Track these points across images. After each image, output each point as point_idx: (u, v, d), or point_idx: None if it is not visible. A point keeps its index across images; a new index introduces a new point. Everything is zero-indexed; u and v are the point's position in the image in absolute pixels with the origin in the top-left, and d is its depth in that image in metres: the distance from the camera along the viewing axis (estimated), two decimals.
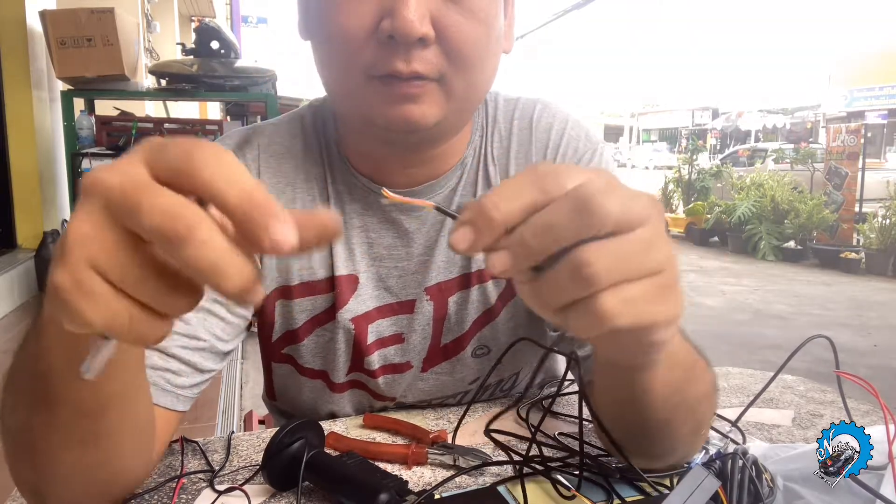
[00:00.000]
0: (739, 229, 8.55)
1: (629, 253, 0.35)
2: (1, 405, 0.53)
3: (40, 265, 4.94)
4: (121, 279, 0.33)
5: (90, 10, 4.27)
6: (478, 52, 0.64)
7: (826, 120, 24.04)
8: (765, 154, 14.09)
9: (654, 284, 0.36)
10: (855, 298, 6.09)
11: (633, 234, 0.35)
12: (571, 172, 0.36)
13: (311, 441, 0.66)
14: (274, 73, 4.81)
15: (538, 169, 0.36)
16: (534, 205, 0.35)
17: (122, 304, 0.33)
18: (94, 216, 0.33)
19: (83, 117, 4.52)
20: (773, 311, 5.57)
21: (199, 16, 12.18)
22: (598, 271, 0.34)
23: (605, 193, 0.34)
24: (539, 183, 0.35)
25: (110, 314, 0.33)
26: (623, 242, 0.35)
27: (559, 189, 0.35)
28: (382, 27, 0.60)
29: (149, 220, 0.31)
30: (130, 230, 0.32)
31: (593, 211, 0.34)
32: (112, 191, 0.32)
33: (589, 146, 0.81)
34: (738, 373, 1.04)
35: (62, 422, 0.50)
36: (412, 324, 0.80)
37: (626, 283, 0.35)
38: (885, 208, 7.37)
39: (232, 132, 0.82)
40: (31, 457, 0.54)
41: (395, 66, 0.61)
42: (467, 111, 0.71)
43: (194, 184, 0.32)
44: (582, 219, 0.34)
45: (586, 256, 0.34)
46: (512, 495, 0.63)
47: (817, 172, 8.89)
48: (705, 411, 0.61)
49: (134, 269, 0.33)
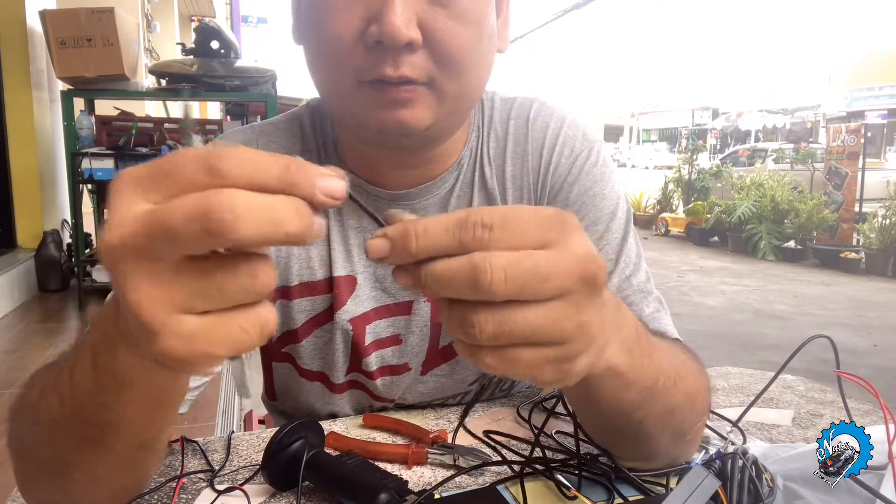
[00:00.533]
0: (739, 229, 8.55)
1: (519, 325, 0.36)
2: (26, 436, 0.53)
3: (40, 265, 4.94)
4: (208, 304, 0.33)
5: (90, 9, 4.26)
6: (467, 54, 0.64)
7: (826, 120, 24.04)
8: (765, 154, 14.09)
9: (541, 356, 0.37)
10: (855, 298, 6.09)
11: (531, 307, 0.36)
12: (508, 227, 0.36)
13: (310, 441, 0.66)
14: (274, 73, 4.81)
15: (470, 215, 0.35)
16: (447, 251, 0.35)
17: (227, 322, 0.33)
18: (145, 274, 0.32)
19: (83, 117, 4.52)
20: (773, 311, 5.57)
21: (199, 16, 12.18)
22: (479, 332, 0.35)
23: (505, 268, 0.34)
24: (460, 232, 0.35)
25: (226, 340, 0.33)
26: (513, 314, 0.36)
27: (476, 244, 0.35)
28: (370, 32, 0.60)
29: (191, 231, 0.31)
30: (182, 258, 0.32)
31: (481, 288, 0.34)
32: (140, 243, 0.32)
33: (586, 145, 0.80)
34: (738, 373, 1.04)
35: (119, 456, 0.51)
36: (410, 325, 0.80)
37: (511, 348, 0.37)
38: (885, 208, 7.36)
39: (230, 132, 0.82)
40: (64, 484, 0.54)
41: (383, 71, 0.61)
42: (461, 113, 0.70)
43: (227, 185, 0.32)
44: (471, 289, 0.35)
45: (472, 318, 0.36)
46: (512, 495, 0.63)
47: (817, 172, 8.89)
48: (684, 419, 0.59)
49: (210, 287, 0.33)
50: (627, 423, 0.55)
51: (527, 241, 0.36)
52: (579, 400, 0.57)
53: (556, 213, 0.37)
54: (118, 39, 4.26)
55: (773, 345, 4.41)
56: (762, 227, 8.28)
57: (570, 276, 0.36)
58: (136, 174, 0.33)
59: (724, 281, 6.84)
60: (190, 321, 0.33)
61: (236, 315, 0.34)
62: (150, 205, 0.32)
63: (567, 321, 0.37)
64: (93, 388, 0.44)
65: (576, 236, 0.37)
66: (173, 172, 0.32)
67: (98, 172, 4.31)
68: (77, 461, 0.51)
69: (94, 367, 0.43)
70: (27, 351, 3.65)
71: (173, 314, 0.33)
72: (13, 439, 0.56)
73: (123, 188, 0.33)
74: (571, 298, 0.37)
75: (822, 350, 0.78)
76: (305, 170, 0.32)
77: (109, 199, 0.33)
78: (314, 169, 0.33)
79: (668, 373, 0.55)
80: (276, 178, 0.32)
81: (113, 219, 0.33)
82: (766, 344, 4.47)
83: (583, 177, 0.78)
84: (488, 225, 0.35)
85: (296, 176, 0.32)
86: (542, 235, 0.36)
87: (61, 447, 0.50)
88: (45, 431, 0.50)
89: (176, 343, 0.33)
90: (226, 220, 0.30)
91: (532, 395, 0.89)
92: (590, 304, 0.38)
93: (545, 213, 0.37)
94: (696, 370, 0.62)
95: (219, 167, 0.32)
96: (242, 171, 0.32)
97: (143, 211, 0.32)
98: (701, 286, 6.52)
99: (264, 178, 0.32)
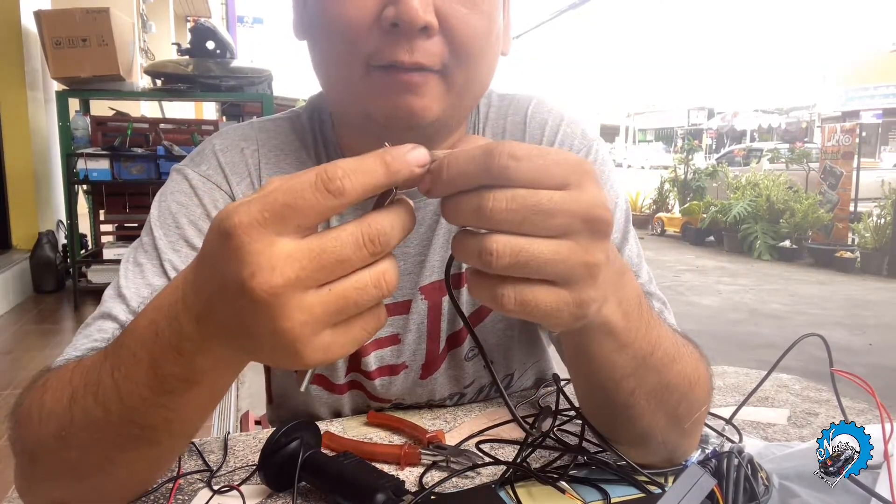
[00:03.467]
0: (735, 229, 8.56)
1: (532, 255, 0.39)
2: (46, 440, 0.53)
3: (35, 266, 4.92)
4: (340, 318, 0.38)
5: (85, 10, 4.25)
6: (480, 44, 0.63)
7: (821, 119, 24.13)
8: (760, 154, 14.10)
9: (556, 297, 0.41)
10: (850, 297, 6.11)
11: (542, 240, 0.40)
12: (533, 161, 0.39)
13: (307, 441, 0.66)
14: (270, 73, 4.80)
15: (500, 146, 0.39)
16: (475, 177, 0.39)
17: (353, 326, 0.39)
18: (296, 302, 0.36)
19: (78, 118, 4.51)
20: (769, 310, 5.58)
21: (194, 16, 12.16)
22: (496, 259, 0.39)
23: (507, 199, 0.38)
24: (486, 159, 0.38)
25: (353, 342, 0.39)
26: (528, 244, 0.39)
27: (500, 172, 0.38)
28: (386, 14, 0.59)
29: (360, 257, 0.37)
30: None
31: (483, 214, 0.39)
32: (305, 276, 0.36)
33: (584, 143, 0.80)
34: (733, 371, 1.05)
35: (165, 450, 0.53)
36: (408, 324, 0.80)
37: (527, 285, 0.40)
38: (879, 208, 7.38)
39: (231, 127, 0.80)
40: (93, 482, 0.54)
41: (397, 56, 0.60)
42: (465, 107, 0.70)
43: (351, 203, 0.36)
44: (475, 216, 0.39)
45: (489, 245, 0.39)
46: (508, 494, 0.63)
47: (812, 172, 8.90)
48: (680, 401, 0.59)
49: (347, 306, 0.37)
50: (617, 390, 0.55)
51: (549, 177, 0.39)
52: (572, 358, 0.57)
53: (579, 161, 0.41)
54: (113, 39, 4.25)
55: (768, 344, 4.42)
56: (758, 227, 8.30)
57: (575, 216, 0.39)
58: (257, 217, 0.36)
59: (720, 280, 6.86)
60: (327, 334, 0.38)
61: (361, 319, 0.39)
62: (289, 239, 0.36)
63: (575, 258, 0.40)
64: (150, 394, 0.46)
65: (591, 183, 0.41)
66: (302, 206, 0.36)
67: (93, 173, 4.30)
68: (121, 459, 0.52)
69: (155, 377, 0.45)
70: (22, 352, 3.64)
71: (318, 333, 0.37)
72: (23, 443, 0.55)
73: (254, 234, 0.36)
74: (579, 238, 0.40)
75: (817, 349, 0.79)
76: (399, 157, 0.37)
77: (240, 247, 0.36)
78: (403, 150, 0.38)
79: (667, 348, 0.55)
80: (383, 175, 0.37)
81: (262, 263, 0.36)
82: (762, 343, 4.48)
83: None
84: (515, 156, 0.38)
85: (395, 165, 0.37)
86: (564, 177, 0.39)
87: (101, 448, 0.51)
88: (80, 437, 0.51)
89: (316, 355, 0.37)
90: (389, 238, 0.37)
91: (529, 396, 0.89)
92: (596, 247, 0.41)
93: (569, 158, 0.40)
94: (697, 358, 0.61)
95: (341, 189, 0.36)
96: (358, 182, 0.36)
97: (294, 249, 0.36)
98: (697, 286, 6.53)
99: (375, 180, 0.37)
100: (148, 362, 0.45)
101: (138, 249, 0.72)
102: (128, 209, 4.80)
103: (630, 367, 0.53)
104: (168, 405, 0.46)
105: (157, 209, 0.74)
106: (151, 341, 0.45)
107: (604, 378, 0.55)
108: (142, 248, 0.72)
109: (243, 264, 0.36)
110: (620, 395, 0.56)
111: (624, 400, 0.56)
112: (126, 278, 0.70)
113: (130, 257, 0.72)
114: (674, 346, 0.57)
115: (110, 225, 5.14)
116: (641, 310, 0.52)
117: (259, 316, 0.36)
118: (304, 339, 0.37)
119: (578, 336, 0.51)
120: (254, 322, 0.37)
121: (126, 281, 0.69)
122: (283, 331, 0.36)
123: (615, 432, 0.63)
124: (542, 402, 0.84)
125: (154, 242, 0.71)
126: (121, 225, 5.10)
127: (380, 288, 0.38)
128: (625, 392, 0.55)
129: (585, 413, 0.64)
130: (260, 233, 0.36)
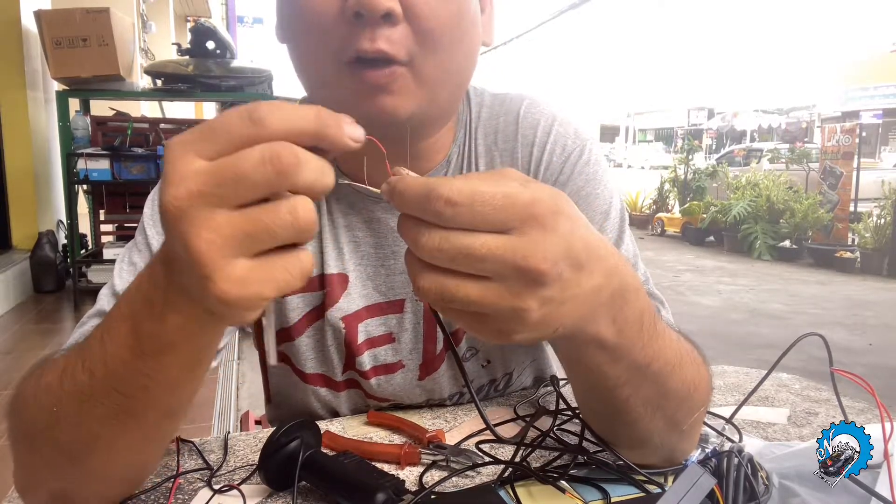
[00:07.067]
0: (735, 229, 8.56)
1: (458, 295, 0.40)
2: (39, 421, 0.53)
3: (35, 266, 4.92)
4: (257, 246, 0.37)
5: (85, 10, 4.25)
6: (448, 32, 0.62)
7: (821, 120, 24.11)
8: (760, 154, 14.09)
9: (476, 319, 0.42)
10: (850, 297, 6.10)
11: (470, 279, 0.40)
12: (472, 207, 0.39)
13: (307, 441, 0.66)
14: (270, 73, 4.80)
15: (439, 187, 0.39)
16: (416, 214, 0.40)
17: (273, 264, 0.37)
18: (204, 222, 0.36)
19: (78, 118, 4.50)
20: (769, 310, 5.58)
21: (194, 16, 12.16)
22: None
23: (439, 240, 0.39)
24: (424, 203, 0.39)
25: (273, 281, 0.37)
26: (455, 285, 0.40)
27: (434, 219, 0.39)
28: (349, 4, 0.58)
29: (262, 174, 0.35)
30: (235, 206, 0.36)
31: (419, 247, 0.40)
32: (207, 191, 0.36)
33: (578, 143, 0.79)
34: (733, 371, 1.05)
35: (146, 425, 0.52)
36: (402, 323, 0.80)
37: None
38: (879, 208, 7.38)
39: None
40: (79, 465, 0.54)
41: (360, 45, 0.59)
42: (444, 100, 0.68)
43: (271, 136, 0.36)
44: (413, 245, 0.41)
45: (416, 281, 0.41)
46: (508, 493, 0.63)
47: (812, 172, 8.90)
48: (679, 407, 0.58)
49: (259, 228, 0.36)
50: (611, 397, 0.55)
51: (486, 224, 0.39)
52: (564, 363, 0.57)
53: (527, 205, 0.40)
54: (113, 40, 4.25)
55: (768, 344, 4.42)
56: (758, 227, 8.30)
57: (506, 264, 0.39)
58: (184, 138, 0.38)
59: (720, 280, 6.86)
60: (242, 264, 0.36)
61: (280, 258, 0.38)
62: (206, 161, 0.37)
63: (504, 303, 0.40)
64: (129, 357, 0.46)
65: (535, 229, 0.40)
66: (222, 129, 0.37)
67: (93, 173, 4.30)
68: (102, 433, 0.51)
69: (134, 335, 0.45)
70: (22, 352, 3.64)
71: (229, 258, 0.36)
72: (17, 432, 0.56)
73: (177, 151, 0.37)
74: (510, 284, 0.40)
75: (817, 349, 0.79)
76: (334, 115, 0.38)
77: (165, 164, 0.37)
78: (339, 115, 0.38)
79: (668, 358, 0.54)
80: (312, 120, 0.37)
81: (173, 176, 0.36)
82: (762, 343, 4.48)
83: (575, 176, 0.77)
84: (452, 202, 0.38)
85: (327, 119, 0.38)
86: (504, 222, 0.39)
87: (87, 422, 0.51)
88: (68, 409, 0.51)
89: (230, 286, 0.36)
90: (293, 164, 0.36)
91: (529, 395, 0.89)
92: (528, 294, 0.40)
93: (517, 202, 0.39)
94: (699, 362, 0.61)
95: (262, 118, 0.36)
96: (282, 116, 0.37)
97: (202, 166, 0.36)
98: (697, 286, 6.53)
99: (301, 123, 0.37)
100: (129, 317, 0.45)
101: (132, 249, 0.73)
102: (128, 209, 4.80)
103: (624, 378, 0.53)
104: (144, 370, 0.46)
105: (149, 208, 0.74)
106: (133, 295, 0.46)
107: (597, 385, 0.54)
108: (136, 248, 0.73)
109: (163, 180, 0.37)
110: (615, 401, 0.55)
111: (619, 406, 0.56)
112: (120, 277, 0.71)
113: (125, 256, 0.73)
114: (676, 354, 0.56)
115: (110, 225, 5.14)
116: (643, 326, 0.50)
117: (172, 233, 0.37)
118: (213, 263, 0.36)
119: (566, 347, 0.51)
120: (172, 242, 0.38)
121: (120, 280, 0.70)
122: (191, 249, 0.36)
123: (612, 434, 0.63)
124: (541, 401, 0.84)
125: (147, 241, 0.72)
126: (121, 225, 5.10)
127: (294, 215, 0.36)
128: (619, 399, 0.55)
129: (583, 415, 0.64)
130: (182, 150, 0.37)
